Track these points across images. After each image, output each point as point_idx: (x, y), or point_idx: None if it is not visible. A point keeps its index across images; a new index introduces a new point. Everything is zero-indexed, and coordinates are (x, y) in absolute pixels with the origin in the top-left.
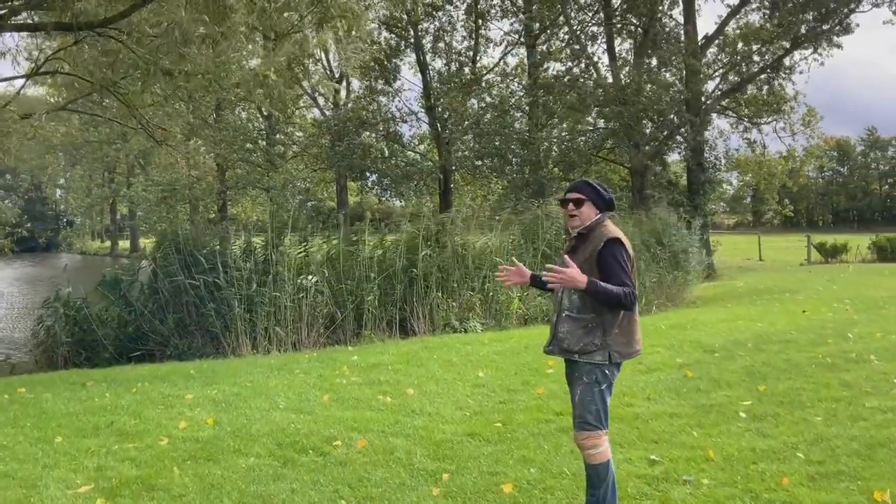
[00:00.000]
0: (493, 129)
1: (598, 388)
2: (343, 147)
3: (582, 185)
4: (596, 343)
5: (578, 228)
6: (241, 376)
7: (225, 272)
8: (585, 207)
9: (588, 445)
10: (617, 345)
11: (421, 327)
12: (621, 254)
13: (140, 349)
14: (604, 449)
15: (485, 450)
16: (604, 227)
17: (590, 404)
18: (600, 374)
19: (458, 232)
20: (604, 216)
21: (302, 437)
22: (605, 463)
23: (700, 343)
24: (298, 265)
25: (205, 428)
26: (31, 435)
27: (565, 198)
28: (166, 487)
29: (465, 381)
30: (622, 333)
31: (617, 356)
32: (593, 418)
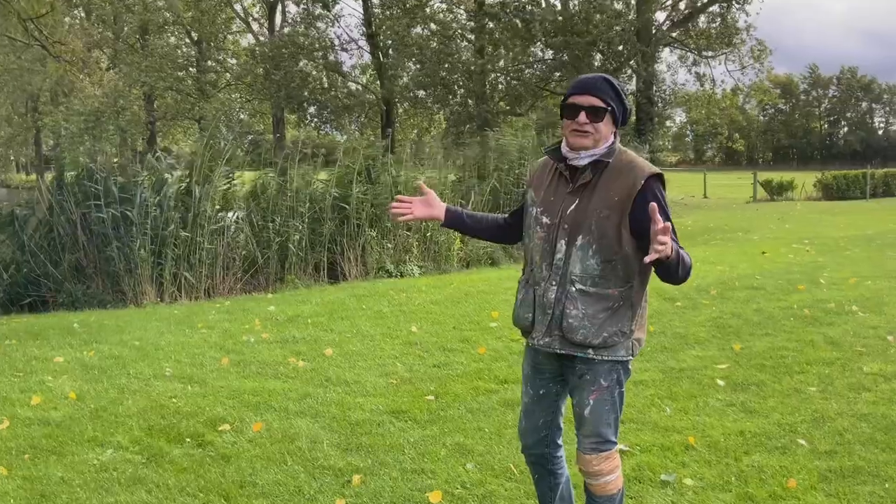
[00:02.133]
0: (438, 58)
1: (620, 391)
2: (279, 76)
3: (603, 85)
4: (625, 332)
5: (587, 155)
6: (130, 332)
7: (130, 207)
8: (605, 122)
9: (605, 471)
10: (640, 331)
11: (352, 271)
12: (664, 198)
13: (31, 295)
14: (619, 473)
15: (411, 435)
16: (626, 154)
17: (608, 414)
18: (622, 372)
19: (394, 166)
20: (616, 139)
21: (181, 419)
22: (622, 490)
23: (659, 290)
24: (223, 201)
25: (63, 405)
26: None
27: (574, 102)
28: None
29: (395, 339)
30: (643, 314)
31: (638, 346)
32: (613, 432)
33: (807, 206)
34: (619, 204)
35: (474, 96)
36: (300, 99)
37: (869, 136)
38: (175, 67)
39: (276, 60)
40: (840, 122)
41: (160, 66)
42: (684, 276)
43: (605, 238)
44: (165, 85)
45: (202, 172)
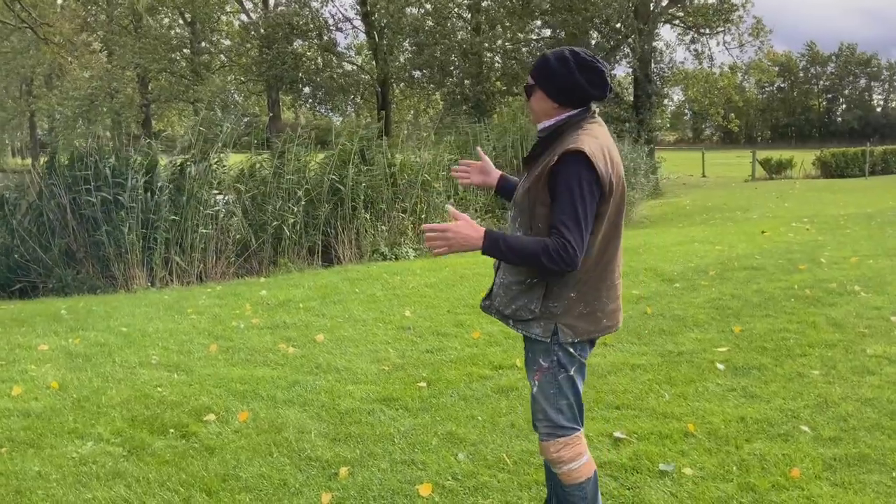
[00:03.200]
0: (434, 38)
1: (566, 374)
2: (272, 55)
3: (538, 62)
4: (532, 309)
5: (539, 130)
6: (118, 318)
7: (122, 191)
8: (536, 98)
9: (566, 458)
10: (570, 316)
11: (346, 254)
12: (580, 177)
13: (22, 280)
14: (588, 458)
15: (402, 424)
16: (571, 130)
17: (556, 399)
18: (563, 355)
19: (388, 147)
20: (577, 115)
21: (165, 409)
22: (591, 478)
23: (657, 271)
24: (217, 184)
25: (44, 395)
26: None
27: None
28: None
29: (388, 323)
30: (581, 299)
31: (568, 333)
32: (566, 418)
33: (806, 184)
34: (537, 180)
35: (470, 76)
36: (293, 79)
37: (867, 113)
38: (168, 49)
39: (270, 40)
40: (838, 100)
41: (153, 47)
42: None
43: (525, 213)
44: (159, 67)
45: (196, 155)
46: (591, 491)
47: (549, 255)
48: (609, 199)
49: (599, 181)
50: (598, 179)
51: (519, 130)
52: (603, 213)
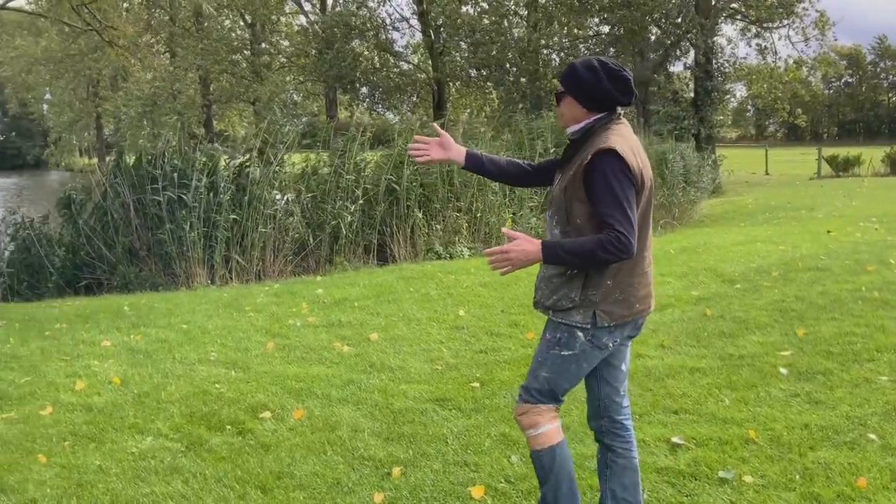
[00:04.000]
0: (490, 37)
1: (559, 353)
2: (331, 55)
3: (566, 70)
4: (573, 298)
5: (569, 134)
6: (178, 315)
7: (184, 191)
8: (566, 105)
9: (525, 424)
10: (607, 302)
11: (401, 253)
12: (616, 173)
13: (87, 277)
14: (546, 430)
15: (455, 425)
16: (600, 132)
17: (539, 368)
18: (566, 336)
19: None
20: (604, 118)
21: (223, 406)
22: (550, 450)
23: (717, 271)
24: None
25: (106, 390)
26: None
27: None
28: (18, 487)
29: (441, 323)
30: (617, 287)
31: (605, 318)
32: (538, 387)
33: (874, 182)
34: (573, 178)
35: (527, 74)
36: (352, 79)
37: None
38: (229, 50)
39: (329, 40)
40: None
41: (215, 49)
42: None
43: (561, 211)
44: (220, 68)
45: (258, 156)
46: (549, 462)
47: (606, 249)
48: (641, 193)
49: (632, 175)
50: (630, 173)
51: None
52: (636, 206)
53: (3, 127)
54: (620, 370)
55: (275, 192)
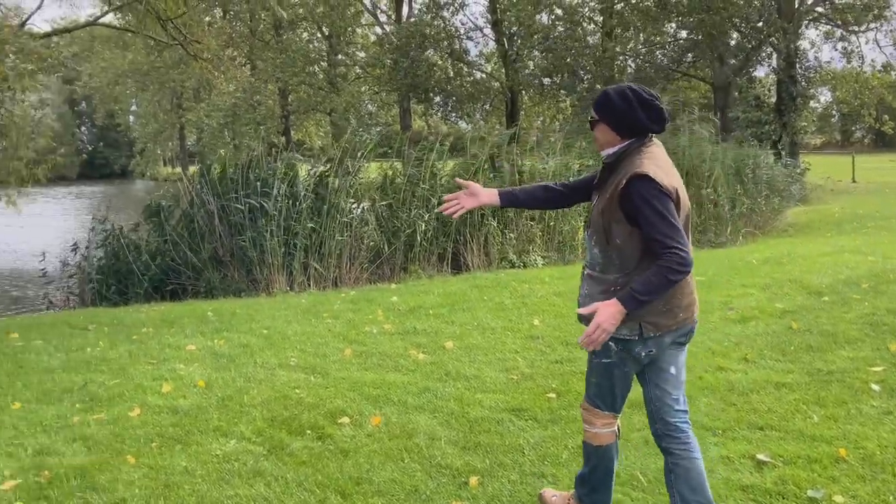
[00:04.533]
0: (564, 43)
1: (599, 360)
2: (406, 64)
3: (599, 98)
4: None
5: (604, 157)
6: (259, 321)
7: (266, 199)
8: (599, 130)
9: (583, 418)
10: (652, 314)
11: (475, 262)
12: (654, 195)
13: (173, 283)
14: (597, 432)
15: (531, 435)
16: (631, 156)
17: (589, 374)
18: (613, 343)
19: (517, 154)
20: (636, 142)
21: (303, 410)
22: (596, 448)
23: (802, 283)
24: (352, 193)
25: (191, 393)
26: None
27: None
28: (108, 487)
29: (516, 332)
30: (661, 299)
31: (650, 329)
32: (591, 392)
33: None
34: (609, 201)
35: (602, 81)
36: (425, 88)
37: None
38: (307, 62)
39: (404, 49)
40: None
41: (293, 60)
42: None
43: (600, 232)
44: (298, 79)
45: (337, 165)
46: (591, 453)
47: (672, 270)
48: (677, 210)
49: (667, 193)
50: (665, 192)
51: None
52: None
53: (92, 138)
54: (669, 373)
55: (351, 200)
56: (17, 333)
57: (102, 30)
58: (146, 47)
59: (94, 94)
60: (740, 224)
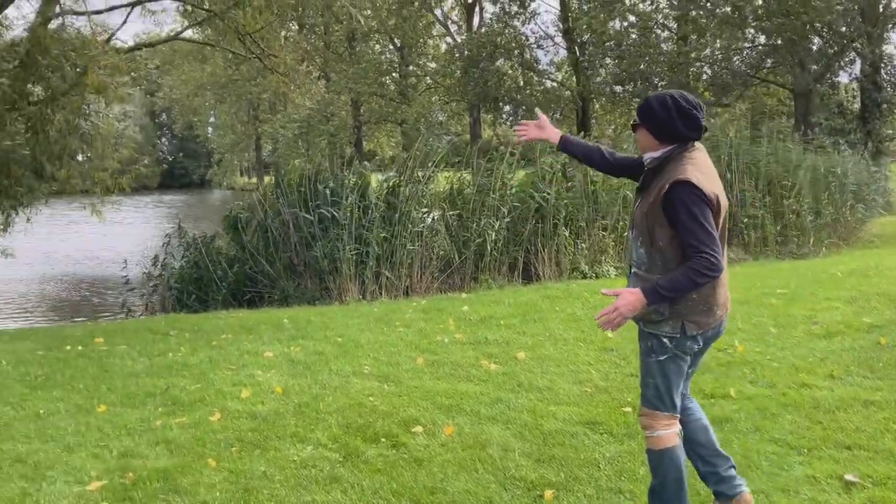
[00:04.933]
0: (637, 50)
1: (655, 359)
2: (476, 74)
3: (642, 105)
4: (662, 312)
5: (646, 161)
6: (333, 329)
7: (338, 209)
8: (640, 133)
9: (643, 424)
10: (694, 313)
11: (546, 272)
12: (694, 202)
13: (250, 291)
14: (659, 434)
15: (607, 450)
16: (675, 162)
17: (646, 376)
18: (656, 343)
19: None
20: (678, 148)
21: (377, 418)
22: (661, 452)
23: (891, 296)
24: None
25: (269, 399)
26: (74, 402)
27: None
28: (190, 490)
29: (589, 344)
30: (701, 299)
31: (693, 327)
32: (650, 394)
33: None
34: (653, 205)
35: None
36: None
37: None
38: (379, 73)
39: (474, 59)
40: None
41: (366, 72)
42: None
43: (644, 234)
44: (370, 91)
45: (407, 174)
46: (658, 460)
47: (700, 273)
48: (718, 217)
49: (707, 201)
50: (705, 199)
51: (730, 144)
52: (716, 227)
53: (172, 148)
54: (689, 374)
55: (423, 210)
56: (101, 338)
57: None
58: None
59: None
60: (823, 234)
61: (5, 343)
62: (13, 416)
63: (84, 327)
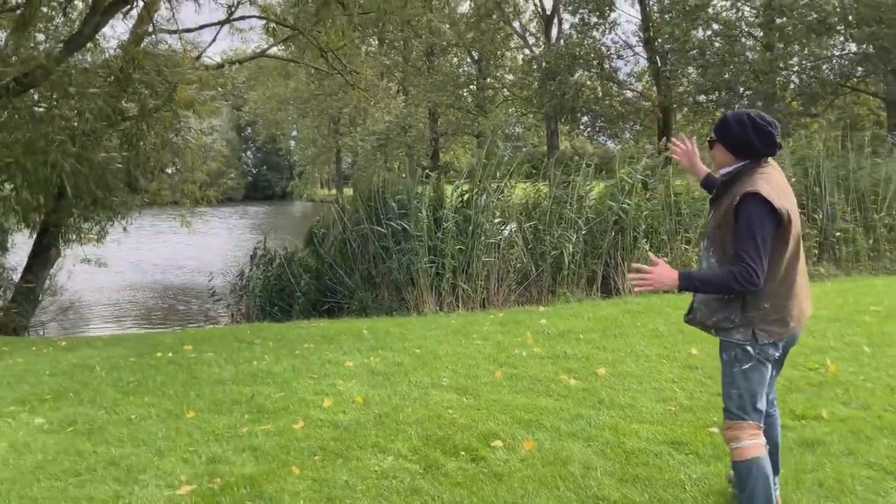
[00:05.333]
0: (721, 59)
1: (739, 368)
2: (553, 86)
3: (718, 122)
4: (733, 319)
5: (721, 175)
6: (411, 340)
7: (414, 222)
8: (716, 150)
9: (728, 437)
10: (765, 322)
11: (626, 286)
12: (759, 215)
13: (329, 301)
14: (746, 445)
15: (692, 471)
16: (747, 175)
17: (729, 388)
18: (740, 352)
19: (672, 175)
20: (751, 163)
21: (456, 431)
22: (748, 462)
23: None
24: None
25: (350, 408)
26: (164, 407)
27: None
28: (275, 497)
29: (672, 361)
30: (774, 309)
31: (764, 336)
32: (734, 405)
33: None
34: (725, 215)
35: (762, 97)
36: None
37: None
38: (457, 86)
39: (552, 71)
40: None
41: (443, 85)
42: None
43: (717, 244)
44: (448, 103)
45: (480, 186)
46: (745, 472)
47: (736, 280)
48: (789, 230)
49: (776, 215)
50: (774, 214)
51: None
52: (785, 241)
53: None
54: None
55: (497, 221)
56: (190, 346)
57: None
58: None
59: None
60: None
61: (100, 349)
62: (106, 419)
63: (173, 334)
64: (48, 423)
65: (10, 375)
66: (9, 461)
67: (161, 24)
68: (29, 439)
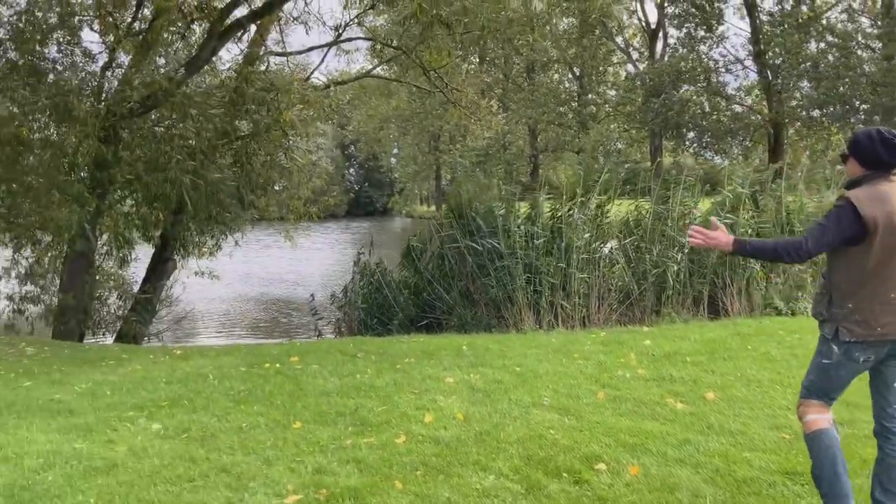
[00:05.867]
0: (836, 72)
1: (821, 360)
2: (658, 103)
3: (851, 140)
4: (822, 313)
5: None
6: (511, 358)
7: (507, 238)
8: (849, 163)
9: (799, 413)
10: (848, 321)
11: (735, 307)
12: (840, 212)
13: (428, 316)
14: (811, 419)
15: (808, 502)
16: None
17: (810, 373)
18: (826, 347)
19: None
20: (874, 174)
21: (558, 452)
22: (813, 434)
23: None
24: (599, 231)
25: (451, 424)
26: (272, 417)
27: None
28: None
29: (786, 386)
30: (857, 310)
31: (846, 334)
32: (807, 385)
33: None
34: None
35: (881, 110)
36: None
37: None
38: (558, 102)
39: (656, 87)
40: None
41: (544, 101)
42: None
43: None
44: (548, 119)
45: (578, 203)
46: (812, 444)
47: (786, 251)
48: (875, 235)
49: (861, 220)
50: (858, 219)
51: None
52: (870, 246)
53: (358, 178)
54: (892, 387)
55: (591, 237)
56: (296, 357)
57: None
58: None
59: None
60: None
61: (212, 358)
62: (218, 427)
63: (280, 346)
64: (164, 429)
65: (129, 382)
66: (128, 465)
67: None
68: (147, 444)
